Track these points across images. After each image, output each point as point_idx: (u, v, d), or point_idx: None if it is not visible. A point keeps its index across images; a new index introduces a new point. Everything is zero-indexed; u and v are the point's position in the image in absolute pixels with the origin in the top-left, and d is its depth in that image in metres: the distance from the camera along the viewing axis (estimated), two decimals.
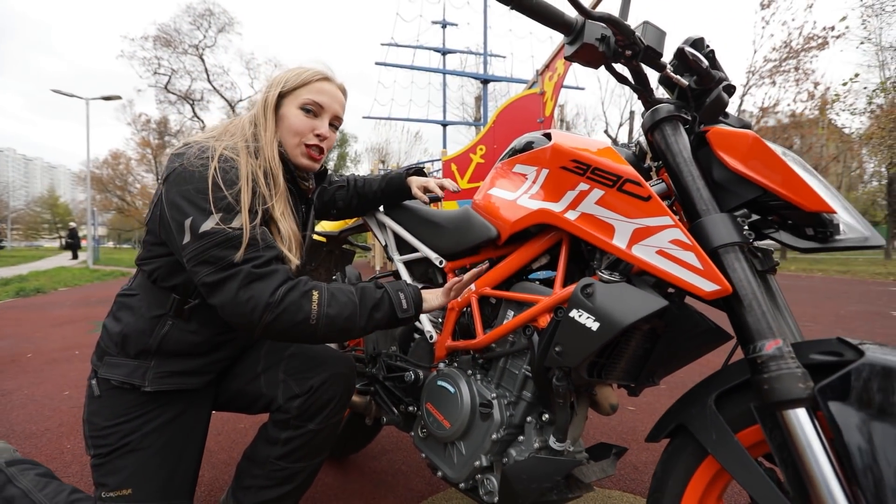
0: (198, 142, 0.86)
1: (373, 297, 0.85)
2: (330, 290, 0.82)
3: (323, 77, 0.96)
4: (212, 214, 0.78)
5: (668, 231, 0.63)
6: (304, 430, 0.93)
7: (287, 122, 0.93)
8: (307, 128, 0.94)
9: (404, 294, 0.87)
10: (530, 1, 0.70)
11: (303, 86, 0.95)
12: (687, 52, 0.67)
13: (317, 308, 0.78)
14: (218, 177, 0.80)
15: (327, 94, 0.96)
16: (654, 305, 0.62)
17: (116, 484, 0.87)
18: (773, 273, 0.71)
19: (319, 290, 0.81)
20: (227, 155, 0.84)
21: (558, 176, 0.78)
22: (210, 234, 0.77)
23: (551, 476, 0.74)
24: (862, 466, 0.48)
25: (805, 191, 0.59)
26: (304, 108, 0.94)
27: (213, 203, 0.78)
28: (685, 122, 0.73)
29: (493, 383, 0.89)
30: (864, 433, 0.48)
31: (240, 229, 0.78)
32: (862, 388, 0.49)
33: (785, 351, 0.55)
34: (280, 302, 0.76)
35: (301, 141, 0.94)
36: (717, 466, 0.64)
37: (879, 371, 0.49)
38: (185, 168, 0.80)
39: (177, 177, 0.81)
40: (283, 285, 0.78)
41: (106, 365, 0.89)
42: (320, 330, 0.80)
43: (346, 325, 0.81)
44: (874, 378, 0.49)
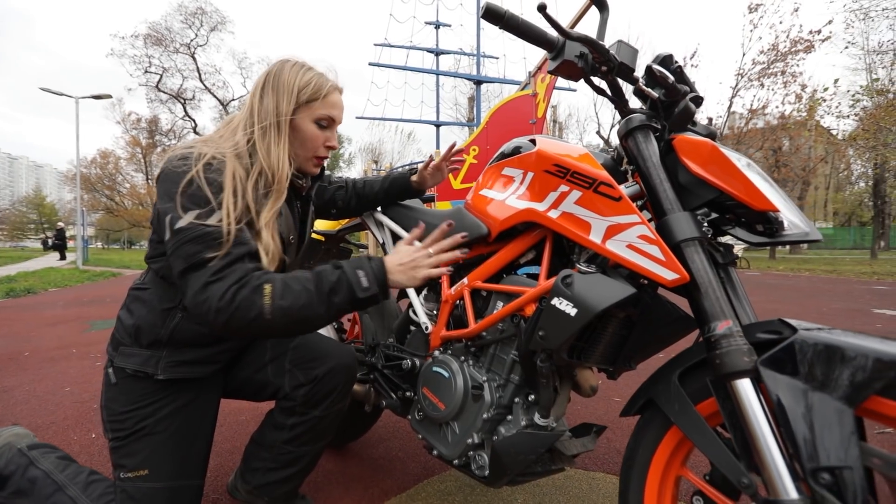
0: (192, 145, 0.89)
1: (329, 281, 0.80)
2: (284, 281, 0.79)
3: (336, 88, 0.98)
4: (189, 211, 0.80)
5: (636, 227, 0.71)
6: (309, 417, 1.00)
7: (301, 135, 0.95)
8: (321, 141, 0.97)
9: (364, 271, 0.82)
10: (516, 21, 0.78)
11: (319, 99, 0.95)
12: (654, 68, 0.76)
13: (269, 301, 0.76)
14: (200, 177, 0.82)
15: (339, 108, 0.98)
16: (623, 292, 0.70)
17: (134, 465, 0.93)
18: (733, 266, 0.80)
19: (272, 281, 0.79)
20: (216, 157, 0.86)
21: (542, 178, 0.86)
22: (184, 231, 0.79)
23: (536, 449, 0.82)
24: (791, 426, 0.56)
25: (754, 192, 0.68)
26: (319, 123, 0.96)
27: (190, 201, 0.81)
28: (655, 131, 0.81)
29: (483, 368, 0.96)
30: (793, 398, 0.57)
31: (214, 226, 0.80)
32: (792, 361, 0.58)
33: (734, 330, 0.64)
34: (231, 302, 0.76)
35: (314, 154, 0.98)
36: (680, 435, 0.72)
37: (808, 346, 0.57)
38: (171, 169, 0.84)
39: (164, 177, 0.85)
40: (234, 285, 0.77)
41: (121, 355, 0.95)
42: (277, 323, 0.77)
43: (303, 315, 0.78)
44: (803, 352, 0.57)
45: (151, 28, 20.78)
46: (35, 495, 0.98)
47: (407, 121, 15.30)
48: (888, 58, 9.58)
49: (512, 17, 0.77)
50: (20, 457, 1.04)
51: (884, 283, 7.64)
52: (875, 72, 10.05)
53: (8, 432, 1.12)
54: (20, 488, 0.99)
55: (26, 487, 0.99)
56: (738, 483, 0.61)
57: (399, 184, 1.29)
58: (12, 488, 1.00)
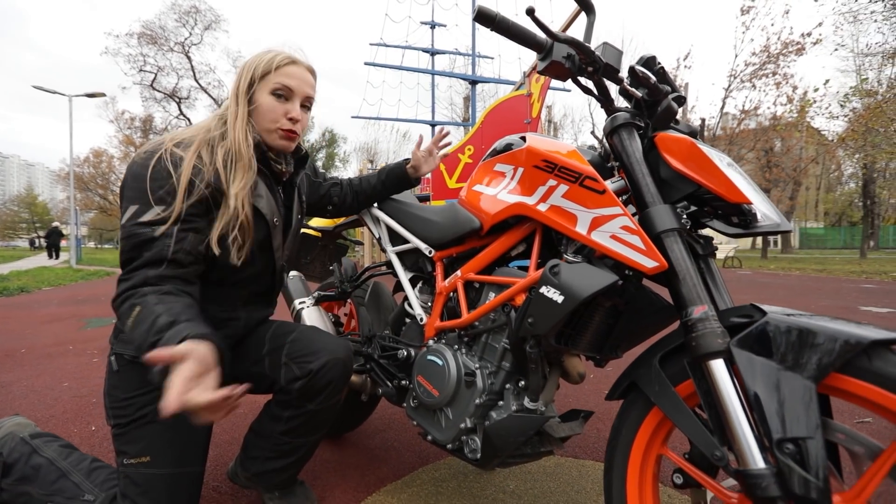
0: (161, 140, 0.93)
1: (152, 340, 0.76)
2: (144, 313, 0.78)
3: (291, 60, 1.00)
4: (131, 206, 0.86)
5: (619, 219, 0.76)
6: (305, 410, 1.02)
7: (260, 107, 0.99)
8: (280, 112, 1.00)
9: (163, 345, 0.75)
10: (507, 23, 0.82)
11: (272, 71, 0.99)
12: (637, 69, 0.80)
13: (130, 324, 0.80)
14: (148, 172, 0.87)
15: (296, 78, 1.01)
16: (606, 280, 0.75)
17: (136, 452, 0.95)
18: (712, 257, 0.84)
19: (142, 307, 0.79)
20: (178, 147, 0.91)
21: (531, 173, 0.91)
22: (123, 227, 0.86)
23: (526, 431, 0.86)
24: (759, 402, 0.60)
25: (728, 186, 0.72)
26: (276, 94, 0.99)
27: (134, 196, 0.87)
28: (639, 128, 0.85)
29: (476, 356, 1.00)
30: (762, 376, 0.61)
31: (143, 227, 0.85)
32: (761, 341, 0.62)
33: (710, 314, 0.68)
34: (119, 306, 0.83)
35: (276, 126, 1.01)
36: (660, 416, 0.77)
37: (775, 328, 0.62)
38: (134, 161, 0.90)
39: (127, 168, 0.91)
40: (126, 292, 0.82)
41: (120, 341, 0.97)
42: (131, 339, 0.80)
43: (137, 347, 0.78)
44: (770, 333, 0.62)
45: (145, 27, 20.64)
46: (39, 481, 1.01)
47: (402, 120, 15.32)
48: (877, 60, 9.73)
49: (503, 20, 0.81)
50: (23, 445, 1.07)
51: (871, 282, 7.77)
52: (865, 73, 10.20)
53: (10, 422, 1.14)
54: (24, 475, 1.02)
55: (30, 474, 1.02)
56: (712, 456, 0.65)
57: (395, 174, 1.32)
58: (17, 475, 1.02)
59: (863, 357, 0.58)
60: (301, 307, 1.42)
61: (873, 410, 0.60)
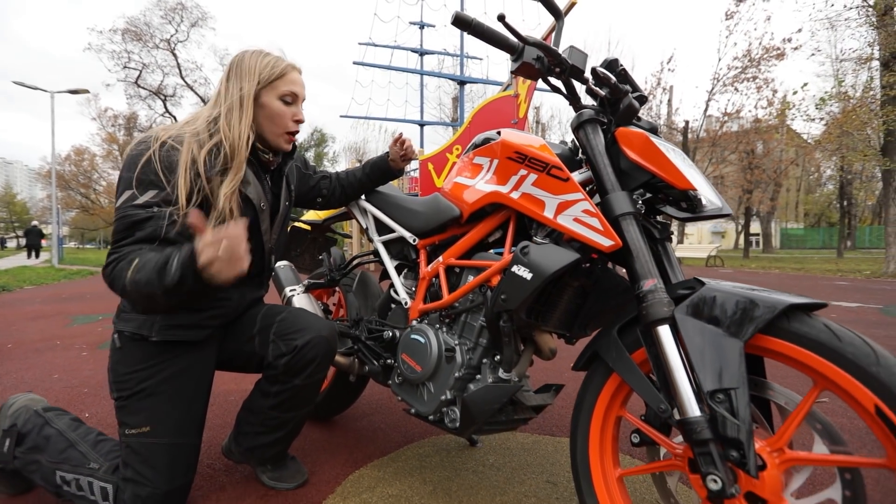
0: (152, 131, 1.00)
1: (161, 261, 0.83)
2: (145, 259, 0.85)
3: (292, 67, 1.10)
4: (126, 191, 0.93)
5: (580, 203, 0.84)
6: (291, 385, 1.09)
7: (269, 111, 1.07)
8: (289, 116, 1.09)
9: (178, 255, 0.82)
10: (482, 28, 0.90)
11: (279, 78, 1.07)
12: (598, 70, 0.89)
13: (130, 274, 0.84)
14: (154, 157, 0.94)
15: (300, 84, 1.11)
16: (569, 258, 0.83)
17: (137, 423, 1.02)
18: (668, 241, 0.94)
19: (140, 257, 0.86)
20: (171, 140, 0.97)
21: (505, 164, 0.99)
22: (117, 209, 0.93)
23: (500, 398, 0.94)
24: (696, 359, 0.69)
25: (677, 174, 0.81)
26: (284, 100, 1.08)
27: (128, 182, 0.93)
28: (602, 124, 0.94)
29: (456, 334, 1.08)
30: (699, 337, 0.70)
31: (140, 206, 0.91)
32: (698, 308, 0.71)
33: (658, 287, 0.77)
34: (112, 271, 0.88)
35: (284, 130, 1.10)
36: (619, 380, 0.86)
37: (710, 296, 0.71)
38: (129, 152, 0.97)
39: (124, 158, 0.98)
40: (119, 259, 0.88)
41: (121, 320, 1.04)
42: (132, 294, 0.86)
43: (147, 290, 0.83)
44: (707, 301, 0.71)
45: (130, 23, 20.33)
46: (49, 450, 1.07)
47: (391, 120, 15.37)
48: (851, 65, 10.08)
49: (478, 24, 0.89)
50: (36, 417, 1.13)
51: (845, 280, 8.05)
52: (843, 78, 10.56)
53: (24, 397, 1.20)
54: (36, 444, 1.08)
55: (41, 444, 1.08)
56: (658, 409, 0.75)
57: (378, 168, 1.39)
58: (29, 444, 1.08)
59: (783, 319, 0.68)
60: (291, 294, 1.48)
61: (794, 366, 0.70)
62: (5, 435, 1.12)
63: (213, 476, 1.26)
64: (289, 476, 1.20)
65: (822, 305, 0.69)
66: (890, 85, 8.45)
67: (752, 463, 0.64)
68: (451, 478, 1.25)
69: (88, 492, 1.02)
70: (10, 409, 1.17)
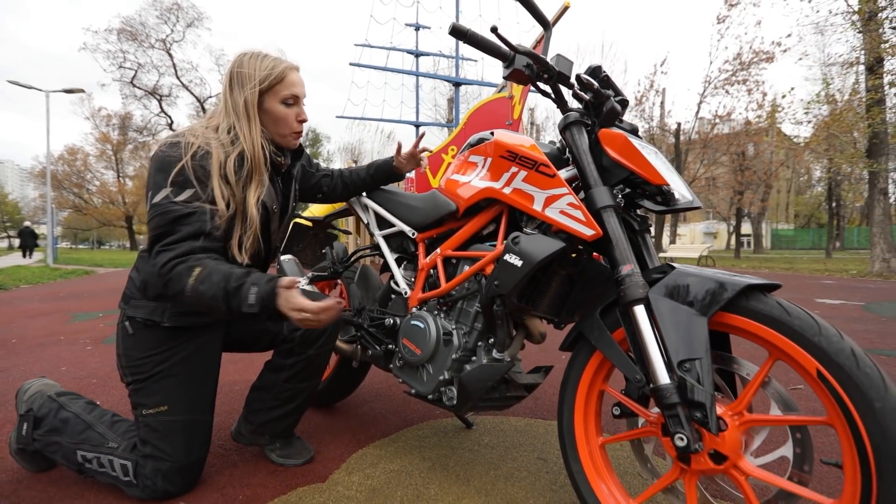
0: (180, 134, 1.07)
1: (233, 285, 0.92)
2: (210, 270, 0.93)
3: (291, 68, 1.13)
4: (162, 189, 0.99)
5: (565, 197, 0.93)
6: (306, 355, 1.19)
7: (272, 115, 1.13)
8: (293, 117, 1.15)
9: (256, 289, 0.92)
10: (477, 37, 0.99)
11: (279, 82, 1.10)
12: (582, 76, 0.98)
13: (192, 283, 0.93)
14: (188, 164, 1.00)
15: (299, 85, 1.15)
16: (555, 246, 0.92)
17: (154, 403, 1.09)
18: (647, 233, 1.03)
19: (203, 267, 0.93)
20: (202, 147, 1.04)
21: (498, 162, 1.08)
22: (155, 206, 0.99)
23: (494, 376, 1.03)
24: (667, 334, 0.79)
25: (652, 171, 0.90)
26: (286, 103, 1.13)
27: (165, 181, 0.99)
28: (587, 125, 1.03)
29: (453, 320, 1.17)
30: (669, 315, 0.79)
31: (181, 204, 0.97)
32: (669, 289, 0.81)
33: (635, 271, 0.86)
34: (169, 271, 0.95)
35: (290, 130, 1.16)
36: (601, 357, 0.95)
37: (680, 279, 0.80)
38: (161, 154, 1.03)
39: (152, 160, 1.04)
40: (176, 258, 0.94)
41: (132, 307, 1.11)
42: (190, 300, 0.94)
43: (211, 304, 0.93)
44: (676, 282, 0.80)
45: (125, 23, 20.26)
46: (68, 432, 1.14)
47: (387, 121, 15.45)
48: (838, 69, 10.29)
49: (473, 34, 0.98)
50: (51, 402, 1.20)
51: (832, 279, 8.22)
52: (831, 81, 10.78)
53: (38, 383, 1.27)
54: (54, 427, 1.15)
55: (59, 426, 1.15)
56: (634, 379, 0.84)
57: (383, 170, 1.47)
58: (47, 427, 1.15)
59: (742, 298, 0.77)
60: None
61: (751, 339, 0.79)
62: (22, 419, 1.19)
63: (224, 455, 1.33)
64: (296, 453, 1.28)
65: (776, 286, 0.79)
66: (874, 88, 8.65)
67: (713, 422, 0.74)
68: (449, 455, 1.33)
69: (109, 468, 1.10)
70: (25, 395, 1.24)
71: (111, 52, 20.51)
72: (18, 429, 1.19)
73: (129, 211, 34.59)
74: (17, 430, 1.20)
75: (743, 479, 0.76)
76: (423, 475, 1.22)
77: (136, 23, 20.43)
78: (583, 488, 0.93)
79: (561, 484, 1.17)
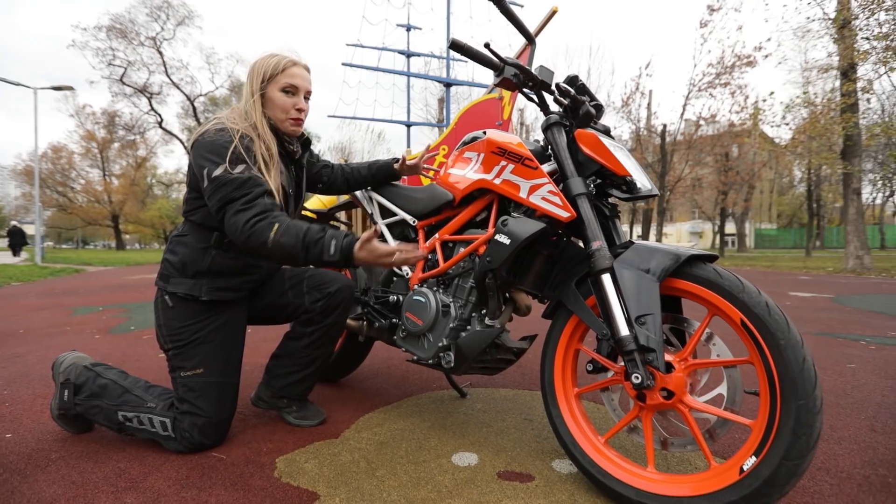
0: (222, 121, 1.23)
1: (313, 237, 1.11)
2: (287, 225, 1.11)
3: (293, 63, 1.30)
4: (219, 165, 1.15)
5: (546, 185, 1.11)
6: (324, 324, 1.35)
7: (274, 102, 1.30)
8: (290, 105, 1.31)
9: (335, 241, 1.11)
10: (473, 50, 1.16)
11: (280, 73, 1.27)
12: (560, 85, 1.16)
13: (273, 236, 1.09)
14: (233, 142, 1.17)
15: (299, 76, 1.32)
16: (538, 227, 1.10)
17: (191, 366, 1.25)
18: (617, 218, 1.21)
19: (280, 222, 1.11)
20: (247, 133, 1.22)
21: (489, 157, 1.25)
22: (218, 178, 1.15)
23: (486, 340, 1.20)
24: (627, 295, 0.97)
25: (617, 164, 1.08)
26: (285, 91, 1.30)
27: (221, 158, 1.15)
28: (565, 126, 1.21)
29: (450, 295, 1.34)
30: (629, 279, 0.97)
31: (239, 174, 1.14)
32: (629, 259, 0.99)
33: (603, 247, 1.04)
34: (251, 228, 1.10)
35: (287, 116, 1.32)
36: (576, 321, 1.13)
37: (638, 250, 0.99)
38: (206, 138, 1.19)
39: (200, 144, 1.19)
40: (255, 216, 1.11)
41: (172, 284, 1.27)
42: (273, 252, 1.10)
43: (291, 252, 1.10)
44: (635, 253, 0.99)
45: (115, 20, 20.08)
46: (107, 396, 1.28)
47: (378, 120, 15.57)
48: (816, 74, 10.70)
49: (470, 48, 1.15)
50: (87, 371, 1.34)
51: (808, 275, 8.56)
52: (813, 85, 11.19)
53: (72, 355, 1.41)
54: (94, 392, 1.29)
55: (99, 391, 1.29)
56: (600, 334, 1.01)
57: (384, 170, 1.62)
58: (87, 392, 1.30)
59: (686, 266, 0.96)
60: None
61: (694, 300, 0.97)
62: (63, 387, 1.33)
63: (246, 419, 1.49)
64: (311, 415, 1.45)
65: (715, 257, 0.98)
66: (848, 93, 9.03)
67: (661, 363, 0.92)
68: (446, 417, 1.50)
69: (149, 425, 1.25)
70: (61, 367, 1.38)
71: (100, 49, 20.32)
72: (60, 396, 1.33)
73: (115, 210, 34.16)
74: (58, 397, 1.34)
75: (688, 411, 0.94)
76: (424, 432, 1.39)
77: (126, 20, 20.27)
78: (561, 429, 1.11)
79: (544, 437, 1.35)
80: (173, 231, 1.37)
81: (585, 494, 1.04)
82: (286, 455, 1.23)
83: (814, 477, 1.12)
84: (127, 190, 34.00)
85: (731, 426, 0.93)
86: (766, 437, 0.82)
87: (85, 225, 37.93)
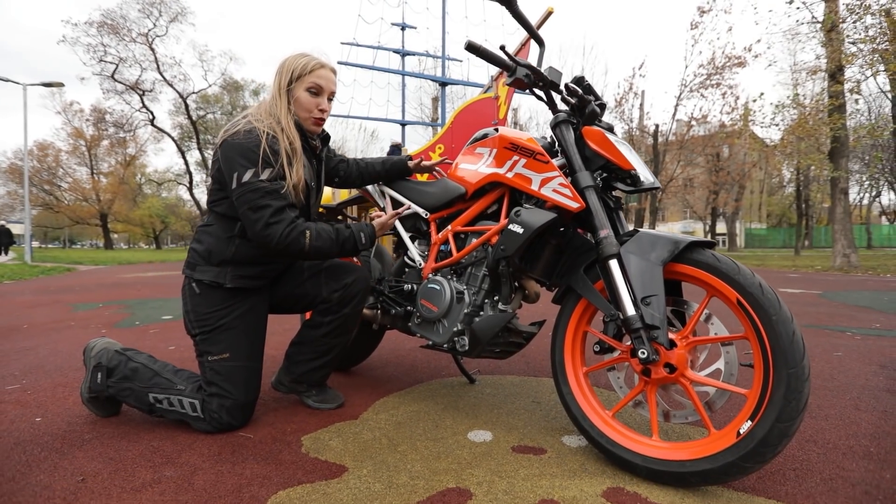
0: (249, 121, 1.29)
1: (343, 236, 1.33)
2: (316, 230, 1.28)
3: (321, 65, 1.36)
4: (249, 169, 1.22)
5: (557, 178, 1.19)
6: (341, 314, 1.42)
7: (299, 101, 1.36)
8: (314, 105, 1.38)
9: (364, 233, 1.37)
10: (487, 52, 1.24)
11: (308, 73, 1.34)
12: (568, 85, 1.24)
13: (308, 242, 1.26)
14: (261, 145, 1.23)
15: (325, 78, 1.38)
16: (549, 216, 1.18)
17: (218, 350, 1.32)
18: (621, 209, 1.30)
19: (310, 229, 1.27)
20: (273, 132, 1.28)
21: (502, 153, 1.33)
22: (247, 183, 1.22)
23: (499, 323, 1.28)
24: (633, 278, 1.05)
25: (622, 159, 1.17)
26: (310, 91, 1.37)
27: (251, 162, 1.23)
28: (573, 124, 1.29)
29: (464, 282, 1.42)
30: (635, 264, 1.06)
31: (267, 183, 1.22)
32: (634, 246, 1.07)
33: (609, 235, 1.12)
34: (286, 238, 1.23)
35: (310, 115, 1.39)
36: (585, 304, 1.21)
37: (642, 238, 1.07)
38: (237, 140, 1.25)
39: (230, 146, 1.25)
40: (288, 227, 1.23)
41: (198, 272, 1.33)
42: (310, 255, 1.29)
43: (328, 252, 1.31)
44: (639, 240, 1.07)
45: (106, 16, 19.86)
46: (139, 379, 1.34)
47: (373, 119, 15.57)
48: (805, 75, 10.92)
49: (485, 50, 1.23)
50: (118, 355, 1.40)
51: (796, 273, 8.77)
52: (802, 86, 11.41)
53: (102, 341, 1.47)
54: (125, 375, 1.35)
55: (130, 374, 1.35)
56: (609, 315, 1.10)
57: (398, 167, 1.69)
58: (118, 376, 1.36)
59: (686, 252, 1.04)
60: None
61: (694, 283, 1.06)
62: (96, 370, 1.38)
63: (267, 403, 1.55)
64: (330, 399, 1.51)
65: (714, 244, 1.06)
66: (835, 95, 9.25)
67: (664, 339, 1.00)
68: (457, 400, 1.58)
69: (179, 406, 1.31)
70: (92, 352, 1.44)
71: (91, 45, 20.09)
72: (92, 379, 1.38)
73: (103, 208, 33.76)
74: (89, 380, 1.39)
75: (689, 384, 1.03)
76: (439, 413, 1.46)
77: (118, 16, 20.05)
78: (571, 405, 1.19)
79: (553, 416, 1.43)
80: (200, 221, 1.43)
81: (595, 463, 1.12)
82: (310, 434, 1.30)
83: (803, 447, 1.21)
84: (116, 188, 33.61)
85: (728, 397, 1.02)
86: (760, 402, 0.91)
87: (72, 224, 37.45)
